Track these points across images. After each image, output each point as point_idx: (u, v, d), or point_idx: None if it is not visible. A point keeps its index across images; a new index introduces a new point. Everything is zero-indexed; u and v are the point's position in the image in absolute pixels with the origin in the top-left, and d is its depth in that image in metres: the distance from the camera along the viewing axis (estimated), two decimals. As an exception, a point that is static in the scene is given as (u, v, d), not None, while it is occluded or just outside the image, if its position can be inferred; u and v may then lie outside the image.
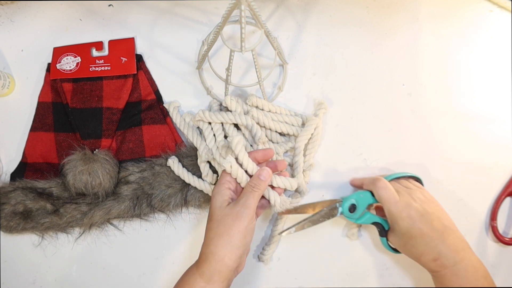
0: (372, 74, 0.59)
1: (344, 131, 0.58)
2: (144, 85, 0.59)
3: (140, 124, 0.57)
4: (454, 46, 0.60)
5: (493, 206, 0.57)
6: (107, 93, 0.58)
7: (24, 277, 0.57)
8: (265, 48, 0.60)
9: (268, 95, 0.59)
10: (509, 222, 0.58)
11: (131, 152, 0.57)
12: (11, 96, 0.60)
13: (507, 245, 0.57)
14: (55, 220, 0.55)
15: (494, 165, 0.58)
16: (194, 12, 0.60)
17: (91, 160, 0.54)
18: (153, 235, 0.57)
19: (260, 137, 0.53)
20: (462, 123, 0.58)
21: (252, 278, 0.57)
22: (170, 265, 0.57)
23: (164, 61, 0.60)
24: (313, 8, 0.61)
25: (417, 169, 0.58)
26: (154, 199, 0.55)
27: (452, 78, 0.59)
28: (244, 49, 0.44)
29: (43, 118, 0.58)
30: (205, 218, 0.57)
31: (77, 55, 0.59)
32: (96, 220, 0.55)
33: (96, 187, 0.53)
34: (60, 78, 0.58)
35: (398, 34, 0.60)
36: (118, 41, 0.59)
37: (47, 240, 0.57)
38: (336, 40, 0.60)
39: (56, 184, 0.56)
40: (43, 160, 0.57)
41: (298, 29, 0.60)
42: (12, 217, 0.55)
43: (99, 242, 0.57)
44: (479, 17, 0.60)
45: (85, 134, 0.57)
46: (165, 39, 0.60)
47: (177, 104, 0.58)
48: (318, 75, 0.60)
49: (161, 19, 0.60)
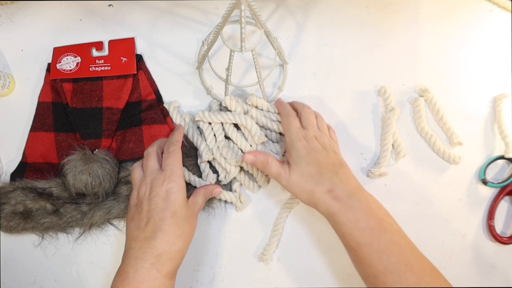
0: (372, 74, 0.59)
1: (344, 131, 0.59)
2: (144, 85, 0.59)
3: (140, 124, 0.58)
4: (454, 46, 0.60)
5: (490, 205, 0.57)
6: (107, 93, 0.58)
7: (24, 277, 0.57)
8: (265, 48, 0.60)
9: (268, 95, 0.59)
10: (507, 222, 0.58)
11: (131, 152, 0.57)
12: (11, 96, 0.60)
13: (504, 244, 0.57)
14: (55, 220, 0.55)
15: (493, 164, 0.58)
16: (194, 12, 0.60)
17: (91, 160, 0.54)
18: (153, 235, 0.57)
19: (260, 137, 0.53)
20: (462, 123, 0.58)
21: (252, 278, 0.57)
22: (170, 265, 0.57)
23: (164, 61, 0.60)
24: (313, 8, 0.61)
25: (416, 167, 0.58)
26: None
27: (452, 78, 0.59)
28: (244, 49, 0.44)
29: (43, 118, 0.58)
30: (205, 218, 0.57)
31: (77, 55, 0.59)
32: (96, 220, 0.55)
33: (96, 187, 0.53)
34: (60, 78, 0.58)
35: (398, 34, 0.60)
36: (118, 41, 0.59)
37: (47, 240, 0.57)
38: (336, 40, 0.60)
39: (56, 184, 0.56)
40: (43, 160, 0.58)
41: (298, 29, 0.60)
42: (12, 217, 0.55)
43: (99, 242, 0.57)
44: (479, 17, 0.60)
45: (85, 134, 0.57)
46: (165, 39, 0.60)
47: (177, 104, 0.58)
48: (318, 75, 0.60)
49: (161, 19, 0.60)
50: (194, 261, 0.57)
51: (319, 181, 0.47)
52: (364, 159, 0.58)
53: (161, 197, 0.47)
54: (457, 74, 0.59)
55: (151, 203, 0.47)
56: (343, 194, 0.46)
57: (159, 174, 0.48)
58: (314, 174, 0.48)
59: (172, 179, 0.48)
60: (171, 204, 0.47)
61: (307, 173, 0.48)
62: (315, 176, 0.48)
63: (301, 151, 0.49)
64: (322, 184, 0.47)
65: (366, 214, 0.46)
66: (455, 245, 0.57)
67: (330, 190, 0.47)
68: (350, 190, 0.47)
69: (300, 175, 0.48)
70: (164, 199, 0.47)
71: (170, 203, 0.47)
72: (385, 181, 0.58)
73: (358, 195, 0.47)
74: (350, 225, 0.45)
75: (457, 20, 0.60)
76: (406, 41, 0.60)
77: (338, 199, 0.46)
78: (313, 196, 0.48)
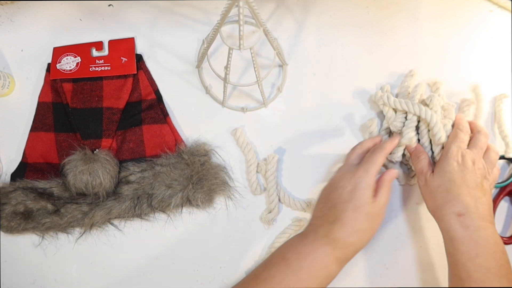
0: (372, 74, 0.59)
1: (344, 131, 0.59)
2: (144, 85, 0.59)
3: (140, 124, 0.58)
4: (454, 46, 0.60)
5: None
6: (107, 93, 0.58)
7: (24, 277, 0.57)
8: (265, 48, 0.60)
9: (267, 95, 0.59)
10: (507, 222, 0.58)
11: (131, 152, 0.57)
12: (11, 96, 0.60)
13: (504, 244, 0.57)
14: (56, 220, 0.55)
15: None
16: (194, 11, 0.61)
17: (92, 160, 0.54)
18: (153, 235, 0.57)
19: (441, 138, 0.51)
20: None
21: (252, 278, 0.57)
22: (170, 265, 0.57)
23: (164, 61, 0.60)
24: (313, 8, 0.61)
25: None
26: (155, 199, 0.55)
27: (452, 78, 0.59)
28: (243, 47, 0.44)
29: (43, 118, 0.58)
30: (205, 218, 0.57)
31: (77, 55, 0.59)
32: (97, 220, 0.55)
33: (97, 187, 0.54)
34: (60, 78, 0.58)
35: (398, 34, 0.60)
36: (118, 41, 0.59)
37: (47, 240, 0.57)
38: (336, 40, 0.60)
39: (57, 184, 0.56)
40: (43, 160, 0.58)
41: (298, 29, 0.60)
42: (13, 217, 0.55)
43: (99, 242, 0.57)
44: (479, 17, 0.60)
45: (86, 134, 0.57)
46: (165, 38, 0.60)
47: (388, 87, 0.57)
48: (318, 75, 0.60)
49: (161, 19, 0.61)
50: (194, 261, 0.57)
51: (454, 200, 0.47)
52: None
53: (346, 189, 0.47)
54: (457, 74, 0.59)
55: (336, 192, 0.48)
56: (473, 224, 0.45)
57: (352, 167, 0.49)
58: (452, 191, 0.47)
59: (362, 175, 0.48)
60: (355, 198, 0.47)
61: (445, 188, 0.48)
62: (451, 193, 0.47)
63: (451, 164, 0.48)
64: (455, 204, 0.47)
65: (488, 254, 0.45)
66: (455, 245, 0.57)
67: (461, 214, 0.46)
68: (481, 222, 0.46)
69: (438, 186, 0.48)
70: (349, 192, 0.47)
71: (354, 197, 0.47)
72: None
73: (488, 231, 0.46)
74: (467, 256, 0.45)
75: (457, 20, 0.60)
76: (406, 41, 0.60)
77: (465, 227, 0.46)
78: (440, 211, 0.48)
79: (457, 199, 0.47)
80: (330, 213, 0.48)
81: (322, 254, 0.46)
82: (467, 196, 0.47)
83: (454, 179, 0.48)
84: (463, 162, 0.48)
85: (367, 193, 0.47)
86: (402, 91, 0.58)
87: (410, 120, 0.53)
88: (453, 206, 0.47)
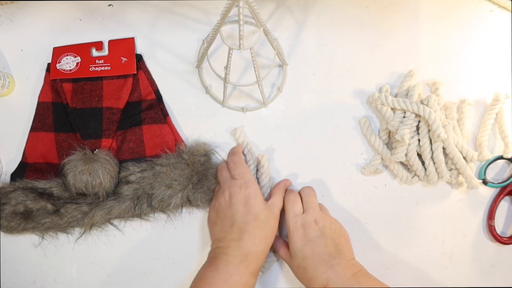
0: (372, 74, 0.59)
1: (344, 131, 0.59)
2: (144, 85, 0.59)
3: (140, 124, 0.58)
4: (454, 46, 0.60)
5: (491, 205, 0.57)
6: (107, 93, 0.58)
7: (24, 277, 0.57)
8: (265, 48, 0.60)
9: (267, 95, 0.59)
10: (507, 222, 0.58)
11: (131, 152, 0.57)
12: (11, 96, 0.60)
13: (504, 244, 0.57)
14: (56, 220, 0.55)
15: (493, 164, 0.58)
16: (194, 11, 0.60)
17: (92, 160, 0.54)
18: (153, 235, 0.57)
19: (440, 134, 0.51)
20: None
21: (252, 278, 0.57)
22: (170, 265, 0.57)
23: (164, 60, 0.60)
24: (313, 8, 0.61)
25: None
26: (155, 200, 0.55)
27: (452, 78, 0.59)
28: (243, 47, 0.44)
29: (43, 118, 0.58)
30: (205, 218, 0.57)
31: (77, 55, 0.59)
32: (97, 220, 0.55)
33: (97, 187, 0.54)
34: (60, 78, 0.58)
35: (398, 34, 0.60)
36: (118, 41, 0.59)
37: (47, 240, 0.57)
38: (336, 40, 0.60)
39: (57, 184, 0.56)
40: (43, 160, 0.58)
41: (298, 29, 0.60)
42: (13, 217, 0.55)
43: (99, 242, 0.57)
44: (479, 17, 0.60)
45: (85, 134, 0.57)
46: (165, 39, 0.60)
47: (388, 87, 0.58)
48: (318, 75, 0.60)
49: (161, 19, 0.60)
50: (194, 262, 0.57)
51: (314, 276, 0.49)
52: (364, 159, 0.58)
53: (241, 203, 0.50)
54: (457, 74, 0.59)
55: (232, 208, 0.50)
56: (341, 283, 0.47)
57: (234, 182, 0.51)
58: (309, 268, 0.49)
59: (248, 185, 0.50)
60: (251, 208, 0.49)
61: (303, 267, 0.50)
62: (309, 271, 0.49)
63: (297, 243, 0.50)
64: (317, 279, 0.49)
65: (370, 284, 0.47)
66: (455, 245, 0.57)
67: (325, 286, 0.48)
68: (345, 282, 0.47)
69: (297, 268, 0.51)
70: (244, 205, 0.50)
71: (250, 207, 0.49)
72: (385, 181, 0.58)
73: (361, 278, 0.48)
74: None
75: (457, 20, 0.60)
76: (406, 41, 0.60)
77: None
78: (309, 286, 0.50)
79: (315, 274, 0.48)
80: (233, 230, 0.49)
81: (238, 276, 0.47)
82: (323, 265, 0.48)
83: (305, 256, 0.50)
84: (305, 231, 0.50)
85: (259, 199, 0.50)
86: (401, 91, 0.58)
87: (407, 118, 0.54)
88: (315, 281, 0.49)
